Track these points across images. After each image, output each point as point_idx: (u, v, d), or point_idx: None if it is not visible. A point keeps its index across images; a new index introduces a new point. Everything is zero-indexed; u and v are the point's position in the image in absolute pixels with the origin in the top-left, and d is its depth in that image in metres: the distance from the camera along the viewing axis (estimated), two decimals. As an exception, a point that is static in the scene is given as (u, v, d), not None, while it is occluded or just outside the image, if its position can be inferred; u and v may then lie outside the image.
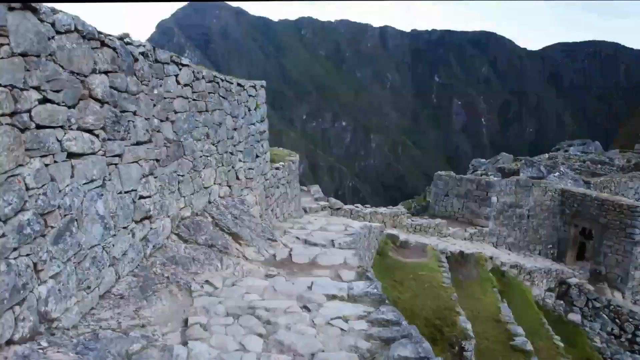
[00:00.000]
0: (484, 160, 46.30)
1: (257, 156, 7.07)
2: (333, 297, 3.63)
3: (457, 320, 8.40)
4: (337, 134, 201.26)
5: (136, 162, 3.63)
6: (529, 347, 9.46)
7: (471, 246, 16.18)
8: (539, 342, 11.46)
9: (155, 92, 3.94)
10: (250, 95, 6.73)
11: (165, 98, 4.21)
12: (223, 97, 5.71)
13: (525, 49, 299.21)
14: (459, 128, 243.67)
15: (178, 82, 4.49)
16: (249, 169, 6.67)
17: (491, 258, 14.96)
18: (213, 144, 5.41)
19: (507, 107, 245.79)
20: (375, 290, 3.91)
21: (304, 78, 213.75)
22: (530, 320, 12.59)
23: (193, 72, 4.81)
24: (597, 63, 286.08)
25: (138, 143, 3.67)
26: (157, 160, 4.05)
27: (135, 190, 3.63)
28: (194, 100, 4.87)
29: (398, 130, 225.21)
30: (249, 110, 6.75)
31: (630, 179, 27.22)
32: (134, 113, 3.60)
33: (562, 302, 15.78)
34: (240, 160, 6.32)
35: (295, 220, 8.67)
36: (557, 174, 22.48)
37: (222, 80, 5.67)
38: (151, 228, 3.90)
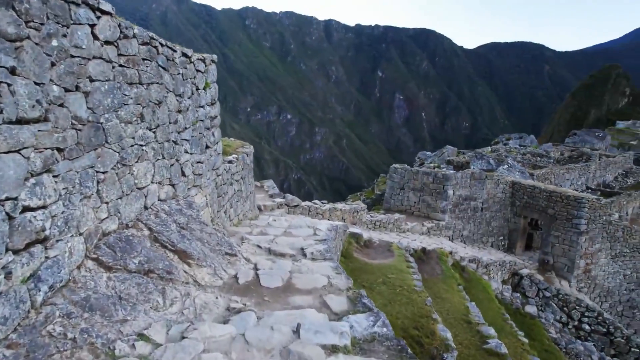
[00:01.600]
0: (430, 153, 47.19)
1: (207, 147, 5.71)
2: (333, 349, 2.45)
3: (435, 329, 7.60)
4: (282, 126, 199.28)
5: (15, 151, 2.22)
6: (503, 349, 8.98)
7: (430, 241, 15.75)
8: (504, 339, 11.09)
9: (54, 43, 2.54)
10: (198, 71, 5.35)
11: (73, 56, 2.81)
12: (163, 68, 4.32)
13: (461, 47, 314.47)
14: (400, 121, 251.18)
15: (95, 37, 3.09)
16: (198, 162, 5.31)
17: (451, 253, 14.56)
18: (150, 129, 4.02)
19: (445, 102, 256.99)
20: (385, 329, 2.83)
21: (249, 69, 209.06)
22: (493, 316, 12.27)
23: (119, 25, 3.41)
24: (525, 62, 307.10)
25: (19, 121, 2.26)
26: (60, 150, 2.64)
27: (14, 198, 2.22)
28: (121, 66, 3.47)
29: (342, 123, 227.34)
30: (197, 89, 5.37)
31: (567, 170, 28.51)
32: (11, 71, 2.19)
33: (518, 294, 15.81)
34: (186, 152, 4.95)
35: (253, 222, 7.39)
36: (505, 166, 22.85)
37: (162, 46, 4.27)
38: (46, 257, 2.50)
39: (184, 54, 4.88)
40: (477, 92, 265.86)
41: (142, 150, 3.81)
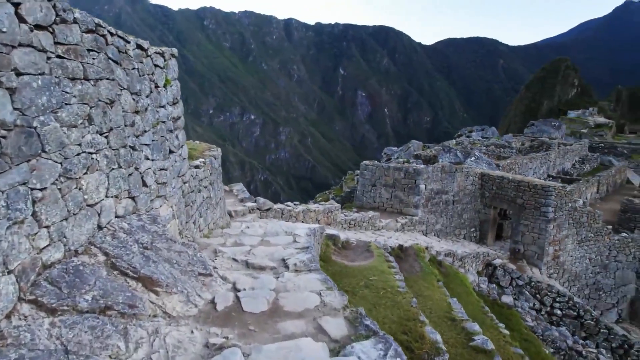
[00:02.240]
0: (396, 148, 47.59)
1: (170, 152, 5.07)
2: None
3: (424, 331, 7.27)
4: (246, 127, 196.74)
5: None
6: (490, 345, 8.81)
7: (405, 237, 15.56)
8: (486, 332, 10.99)
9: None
10: (156, 66, 4.71)
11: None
12: (115, 62, 3.69)
13: (420, 43, 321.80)
14: (364, 118, 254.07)
15: (22, 19, 2.45)
16: (161, 169, 4.67)
17: (427, 248, 14.39)
18: (101, 134, 3.39)
19: (406, 97, 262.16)
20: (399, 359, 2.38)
21: (209, 70, 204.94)
22: (473, 310, 12.16)
23: (54, 7, 2.77)
24: (480, 57, 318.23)
25: None
26: (-25, 164, 2.01)
27: None
28: (59, 57, 2.84)
29: (306, 121, 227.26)
30: (157, 86, 4.73)
31: (529, 160, 29.27)
32: None
33: (494, 285, 15.90)
34: (147, 158, 4.31)
35: (225, 231, 6.78)
36: (473, 158, 23.12)
37: (112, 35, 3.63)
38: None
39: (139, 46, 4.24)
40: (436, 87, 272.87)
41: (92, 159, 3.17)
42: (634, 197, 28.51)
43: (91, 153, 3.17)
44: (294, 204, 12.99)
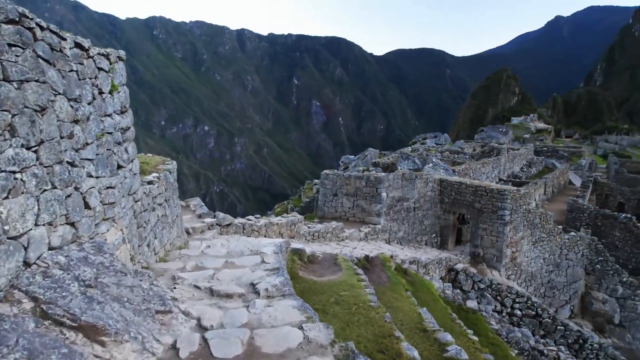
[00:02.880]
0: (353, 156, 47.97)
1: (119, 167, 4.43)
2: None
3: (400, 348, 6.93)
4: (200, 138, 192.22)
5: None
6: (464, 355, 8.65)
7: (370, 247, 15.35)
8: (457, 340, 10.90)
9: None
10: (100, 69, 4.08)
11: None
12: (47, 61, 3.07)
13: (371, 53, 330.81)
14: (319, 127, 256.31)
15: None
16: (108, 188, 4.03)
17: (392, 257, 14.23)
18: (28, 147, 2.76)
19: (360, 106, 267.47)
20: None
21: (160, 81, 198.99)
22: (442, 317, 12.06)
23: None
24: (429, 67, 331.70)
25: None
26: None
27: None
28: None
29: (262, 132, 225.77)
30: (101, 92, 4.10)
31: (482, 165, 30.25)
32: None
33: (458, 290, 15.99)
34: (90, 175, 3.67)
35: (183, 252, 6.14)
36: (430, 165, 23.48)
37: (43, 29, 3.03)
38: None
39: (79, 45, 3.62)
40: (389, 96, 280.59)
41: (16, 179, 2.55)
42: (577, 197, 30.15)
43: (14, 172, 2.54)
44: (255, 218, 12.39)
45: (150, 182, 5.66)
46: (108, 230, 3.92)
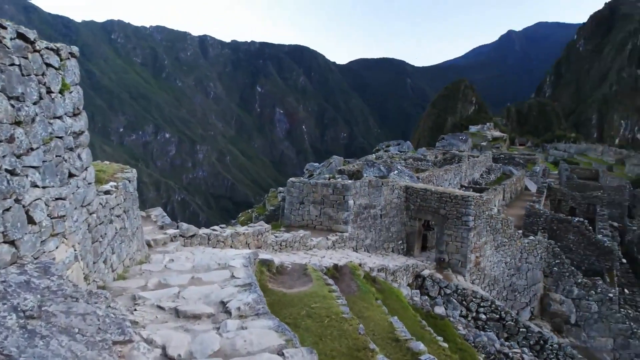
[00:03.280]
0: (317, 164, 47.88)
1: (71, 175, 3.97)
2: None
3: (375, 361, 6.72)
4: (161, 146, 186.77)
5: None
6: (437, 364, 8.59)
7: (338, 255, 15.15)
8: (428, 348, 10.87)
9: None
10: (49, 65, 3.64)
11: None
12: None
13: (334, 62, 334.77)
14: (282, 135, 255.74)
15: None
16: (57, 199, 3.58)
17: (360, 265, 14.10)
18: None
19: (323, 114, 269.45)
20: None
21: (119, 86, 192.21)
22: (412, 325, 12.01)
23: None
24: (391, 76, 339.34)
25: None
26: None
27: None
28: None
29: (224, 139, 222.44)
30: (50, 91, 3.65)
31: (445, 172, 30.92)
32: None
33: (426, 297, 16.05)
34: (35, 185, 3.22)
35: (144, 268, 5.66)
36: (396, 172, 23.70)
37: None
38: None
39: (22, 36, 3.19)
40: (351, 104, 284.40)
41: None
42: (533, 202, 31.38)
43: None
44: (221, 228, 11.90)
45: (107, 192, 5.18)
46: (57, 248, 3.47)
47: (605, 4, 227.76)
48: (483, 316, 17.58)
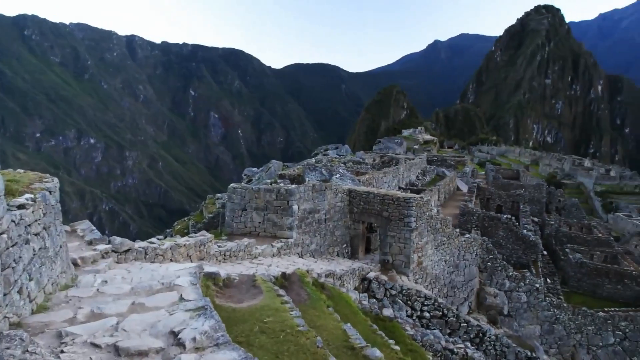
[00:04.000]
0: (256, 169, 46.97)
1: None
2: None
3: (336, 376, 6.35)
4: (85, 152, 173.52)
5: None
6: (393, 371, 8.44)
7: (284, 262, 14.66)
8: (381, 353, 10.77)
9: None
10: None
11: None
12: None
13: (270, 67, 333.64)
14: (217, 140, 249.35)
15: None
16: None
17: (308, 272, 13.74)
18: None
19: (259, 118, 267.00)
20: None
21: (34, 88, 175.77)
22: (363, 330, 11.84)
23: None
24: (326, 81, 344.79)
25: None
26: None
27: None
28: None
29: (156, 144, 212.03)
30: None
31: (384, 174, 31.57)
32: None
33: (374, 300, 16.03)
34: None
35: (72, 293, 4.83)
36: (337, 175, 23.68)
37: None
38: None
39: None
40: (287, 108, 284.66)
41: None
42: (466, 202, 33.04)
43: None
44: (158, 239, 10.93)
45: (21, 206, 4.33)
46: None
47: (517, 19, 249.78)
48: (427, 314, 17.94)
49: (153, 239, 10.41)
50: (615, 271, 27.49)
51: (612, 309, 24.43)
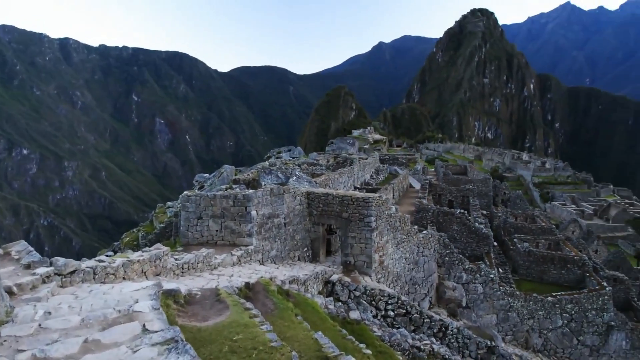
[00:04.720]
0: (208, 174, 45.45)
1: None
2: None
3: (316, 393, 5.95)
4: (17, 164, 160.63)
5: None
6: (369, 378, 8.16)
7: (246, 271, 14.04)
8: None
9: None
10: None
11: None
12: None
13: (216, 70, 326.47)
14: (164, 146, 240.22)
15: None
16: None
17: (271, 279, 13.23)
18: None
19: (207, 123, 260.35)
20: None
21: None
22: (333, 336, 11.49)
23: None
24: (274, 84, 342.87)
25: None
26: None
27: None
28: None
29: (98, 153, 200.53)
30: None
31: (339, 175, 31.52)
32: None
33: (340, 304, 15.75)
34: None
35: (6, 333, 4.07)
36: (294, 178, 23.25)
37: None
38: None
39: None
40: (236, 112, 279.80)
41: None
42: (420, 198, 33.75)
43: None
44: (107, 256, 9.98)
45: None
46: None
47: (456, 21, 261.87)
48: (391, 313, 17.93)
49: (102, 257, 9.45)
50: (559, 257, 29.14)
51: (559, 292, 25.80)
